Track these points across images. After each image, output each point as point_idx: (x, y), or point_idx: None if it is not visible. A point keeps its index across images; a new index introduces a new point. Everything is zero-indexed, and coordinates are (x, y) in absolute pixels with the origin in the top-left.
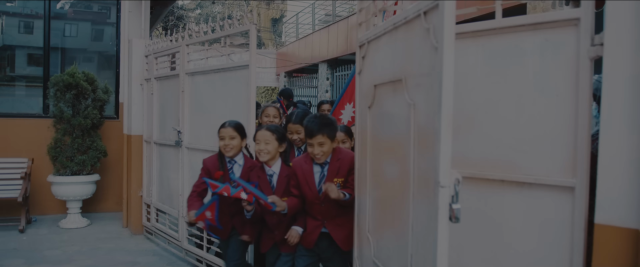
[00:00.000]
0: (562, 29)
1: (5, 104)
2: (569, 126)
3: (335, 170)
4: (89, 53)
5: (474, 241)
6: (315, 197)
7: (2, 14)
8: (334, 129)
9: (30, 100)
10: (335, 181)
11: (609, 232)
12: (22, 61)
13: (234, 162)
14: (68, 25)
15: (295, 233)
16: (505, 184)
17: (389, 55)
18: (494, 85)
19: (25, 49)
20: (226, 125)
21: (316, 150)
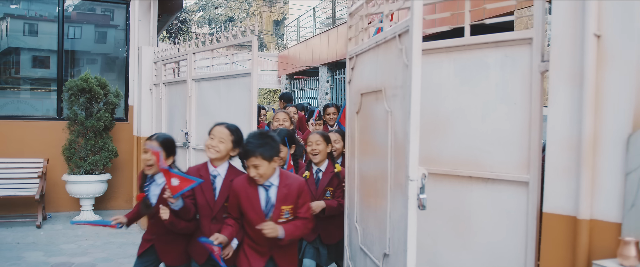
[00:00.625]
0: (518, 47)
1: (21, 106)
2: (523, 130)
3: (283, 197)
4: (93, 55)
5: (447, 230)
6: (262, 222)
7: (14, 17)
8: (270, 149)
9: (45, 103)
10: (283, 208)
11: (554, 219)
12: (35, 64)
13: (153, 180)
14: (72, 28)
15: (230, 249)
16: (472, 179)
17: (373, 68)
18: (463, 95)
19: (34, 51)
20: (152, 139)
21: (252, 172)
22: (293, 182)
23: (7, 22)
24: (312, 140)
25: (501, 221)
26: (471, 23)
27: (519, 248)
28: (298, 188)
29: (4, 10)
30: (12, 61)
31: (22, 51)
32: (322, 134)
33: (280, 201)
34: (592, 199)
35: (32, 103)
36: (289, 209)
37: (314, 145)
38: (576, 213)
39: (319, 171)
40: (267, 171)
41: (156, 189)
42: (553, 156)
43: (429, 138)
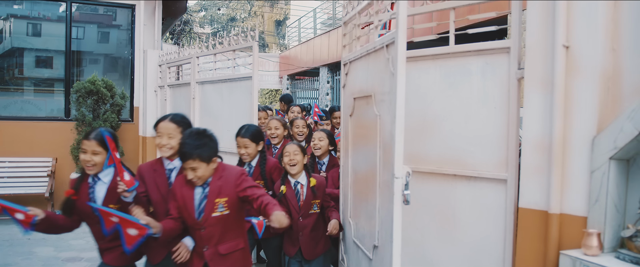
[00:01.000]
0: (498, 55)
1: (30, 107)
2: (502, 131)
3: (217, 190)
4: (98, 56)
5: (434, 225)
6: (194, 222)
7: (18, 18)
8: (208, 150)
9: (53, 104)
10: (216, 201)
11: (528, 214)
12: (43, 66)
13: (98, 180)
14: (78, 29)
15: (185, 248)
16: (456, 178)
17: (364, 75)
18: (448, 99)
19: (42, 52)
20: (90, 137)
21: (189, 175)
22: (229, 173)
23: (13, 23)
24: (290, 150)
25: (482, 216)
26: (455, 33)
27: (498, 241)
28: (235, 177)
29: (13, 11)
30: (18, 62)
31: (29, 52)
32: (298, 145)
33: (213, 194)
34: (561, 195)
35: (40, 104)
36: (223, 202)
37: (291, 155)
38: (547, 208)
39: (298, 183)
40: (206, 173)
41: (102, 188)
42: (527, 155)
43: (417, 139)
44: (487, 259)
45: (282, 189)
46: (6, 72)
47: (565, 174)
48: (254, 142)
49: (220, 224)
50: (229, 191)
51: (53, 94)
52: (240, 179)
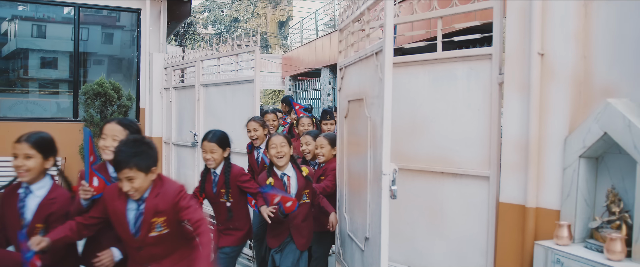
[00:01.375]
0: (481, 61)
1: (39, 109)
2: (485, 132)
3: (153, 208)
4: (101, 57)
5: (423, 219)
6: (130, 240)
7: (25, 19)
8: (147, 159)
9: (62, 105)
10: (153, 221)
11: (507, 208)
12: (52, 68)
13: (30, 192)
14: (85, 31)
15: (110, 258)
16: (444, 175)
17: (357, 79)
18: (436, 101)
19: (49, 54)
20: (22, 140)
21: (125, 186)
22: (167, 190)
23: (21, 25)
24: (276, 142)
25: (467, 211)
26: (442, 40)
27: (482, 233)
28: (173, 195)
29: (20, 13)
30: (24, 64)
31: (37, 54)
32: (284, 136)
33: (149, 212)
34: (537, 190)
35: (50, 105)
36: (161, 221)
37: (278, 147)
38: (525, 202)
39: (284, 175)
40: (144, 184)
41: (33, 201)
42: (507, 154)
43: (407, 139)
44: (471, 250)
45: (269, 181)
46: (14, 73)
47: (541, 171)
48: (221, 147)
49: (161, 243)
50: (166, 210)
51: (61, 95)
52: (178, 196)
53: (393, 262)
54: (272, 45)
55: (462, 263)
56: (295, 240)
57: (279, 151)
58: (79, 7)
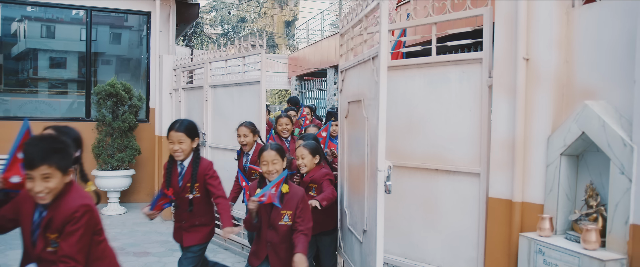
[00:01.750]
0: (472, 65)
1: (53, 109)
2: (476, 131)
3: (48, 221)
4: (111, 57)
5: (419, 213)
6: (29, 250)
7: (40, 20)
8: (66, 158)
9: (76, 105)
10: (48, 235)
11: (496, 203)
12: (66, 70)
13: None
14: (97, 32)
15: None
16: (438, 172)
17: (356, 82)
18: (431, 103)
19: (61, 54)
20: None
21: (38, 186)
22: (68, 204)
23: (35, 27)
24: (268, 159)
25: (459, 205)
26: (437, 45)
27: (473, 226)
28: (71, 212)
29: (36, 14)
30: (34, 65)
31: (49, 54)
32: (276, 150)
33: (45, 225)
34: (523, 186)
35: (61, 105)
36: (55, 238)
37: (269, 165)
38: (511, 197)
39: None
40: (59, 186)
41: None
42: (495, 152)
43: (404, 138)
44: (463, 243)
45: None
46: (25, 73)
47: (526, 168)
48: (189, 137)
49: None
50: (58, 225)
51: (72, 95)
52: (72, 217)
53: (390, 255)
54: (279, 45)
55: (455, 255)
56: (271, 261)
57: (269, 169)
58: (90, 10)
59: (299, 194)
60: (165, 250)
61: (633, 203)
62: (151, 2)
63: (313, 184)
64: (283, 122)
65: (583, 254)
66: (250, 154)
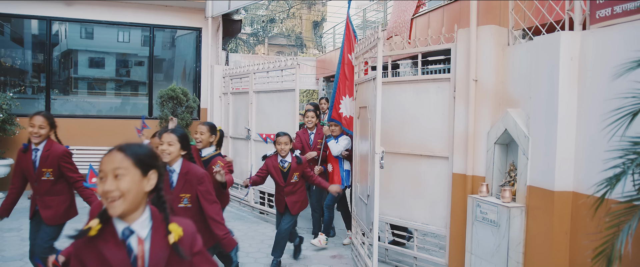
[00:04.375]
0: (444, 82)
1: (122, 108)
2: (446, 129)
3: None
4: (140, 57)
5: (409, 186)
6: None
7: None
8: None
9: (140, 105)
10: None
11: (457, 177)
12: (132, 76)
13: None
14: (121, 32)
15: None
16: (422, 157)
17: (364, 93)
18: (417, 108)
19: (131, 59)
20: None
21: None
22: None
23: (106, 36)
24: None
25: (436, 180)
26: (422, 67)
27: (444, 194)
28: None
29: (102, 28)
30: (108, 70)
31: (115, 61)
32: (180, 137)
33: None
34: (473, 165)
35: (130, 105)
36: None
37: (282, 145)
38: (465, 172)
39: (173, 171)
40: None
41: None
42: (457, 142)
43: (398, 133)
44: (438, 205)
45: None
46: (93, 77)
47: (475, 152)
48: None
49: None
50: None
51: (140, 97)
52: None
53: (389, 216)
54: (307, 44)
55: (433, 214)
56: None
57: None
58: (153, 27)
59: None
60: None
61: (529, 173)
62: (203, 19)
63: None
64: (309, 115)
65: (500, 205)
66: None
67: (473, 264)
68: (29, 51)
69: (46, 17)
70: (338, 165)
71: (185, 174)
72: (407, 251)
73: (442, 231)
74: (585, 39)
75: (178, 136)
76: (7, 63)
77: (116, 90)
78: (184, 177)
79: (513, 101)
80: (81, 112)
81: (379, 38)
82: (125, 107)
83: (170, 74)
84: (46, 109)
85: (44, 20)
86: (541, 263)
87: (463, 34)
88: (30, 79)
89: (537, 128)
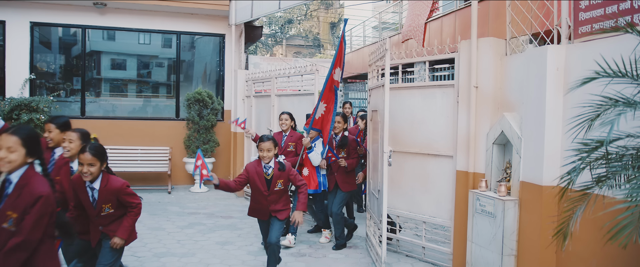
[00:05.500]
0: (449, 88)
1: (151, 110)
2: (451, 130)
3: None
4: (167, 61)
5: (418, 182)
6: None
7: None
8: None
9: (167, 107)
10: None
11: (460, 174)
12: (160, 79)
13: None
14: (148, 37)
15: None
16: (429, 156)
17: (375, 98)
18: (425, 111)
19: (160, 62)
20: None
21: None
22: None
23: (132, 42)
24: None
25: (442, 176)
26: (428, 74)
27: (449, 189)
28: None
29: (128, 34)
30: (138, 73)
31: (142, 64)
32: (94, 155)
33: None
34: (475, 163)
35: (157, 107)
36: None
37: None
38: (467, 169)
39: (93, 188)
40: None
41: None
42: (460, 142)
43: (408, 134)
44: (444, 199)
45: None
46: (121, 79)
47: (476, 152)
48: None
49: None
50: None
51: (167, 99)
52: None
53: (399, 210)
54: (324, 44)
55: (439, 207)
56: None
57: (84, 172)
58: (179, 33)
59: None
60: (243, 215)
61: (521, 170)
62: (226, 26)
63: None
64: (283, 118)
65: (496, 198)
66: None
67: (473, 252)
68: (64, 56)
69: (81, 25)
70: (314, 170)
71: None
72: (416, 241)
73: (447, 223)
74: (570, 51)
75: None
76: (43, 68)
77: (144, 92)
78: None
79: (509, 106)
80: (113, 113)
81: (386, 49)
82: (153, 109)
83: (194, 77)
84: (81, 111)
85: (79, 28)
86: (532, 249)
87: (465, 45)
88: (66, 83)
89: (529, 130)
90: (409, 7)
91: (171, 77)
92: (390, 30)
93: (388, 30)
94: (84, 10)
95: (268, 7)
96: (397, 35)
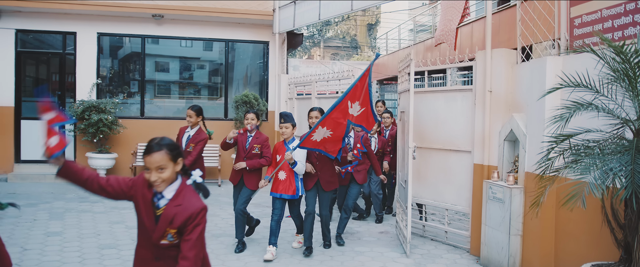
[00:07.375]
0: (468, 92)
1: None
2: (470, 129)
3: None
4: (217, 66)
5: (442, 174)
6: None
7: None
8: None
9: (217, 108)
10: None
11: (477, 167)
12: (210, 82)
13: None
14: (192, 42)
15: None
16: (451, 151)
17: (404, 101)
18: (447, 112)
19: (210, 66)
20: None
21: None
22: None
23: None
24: None
25: (461, 169)
26: (451, 79)
27: (468, 180)
28: None
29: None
30: (193, 76)
31: (200, 71)
32: None
33: None
34: (489, 156)
35: (207, 108)
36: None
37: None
38: (482, 163)
39: None
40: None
41: None
42: (476, 139)
43: (432, 132)
44: (463, 189)
45: None
46: (174, 81)
47: (490, 147)
48: None
49: None
50: None
51: (216, 100)
52: None
53: (425, 199)
54: (361, 45)
55: (459, 196)
56: None
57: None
58: (228, 41)
59: None
60: None
61: (526, 162)
62: (270, 35)
63: None
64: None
65: (505, 186)
66: None
67: (487, 233)
68: (126, 63)
69: (141, 35)
70: (293, 174)
71: None
72: (440, 226)
73: (466, 210)
74: (566, 62)
75: None
76: (103, 73)
77: (194, 95)
78: None
79: (518, 107)
80: (169, 114)
81: (411, 59)
82: (205, 110)
83: (235, 79)
84: (141, 112)
85: (139, 37)
86: (534, 229)
87: (480, 55)
88: (124, 86)
89: (532, 128)
90: (442, 12)
91: (219, 80)
92: (425, 33)
93: (423, 32)
94: (143, 22)
95: (309, 17)
96: (431, 38)
